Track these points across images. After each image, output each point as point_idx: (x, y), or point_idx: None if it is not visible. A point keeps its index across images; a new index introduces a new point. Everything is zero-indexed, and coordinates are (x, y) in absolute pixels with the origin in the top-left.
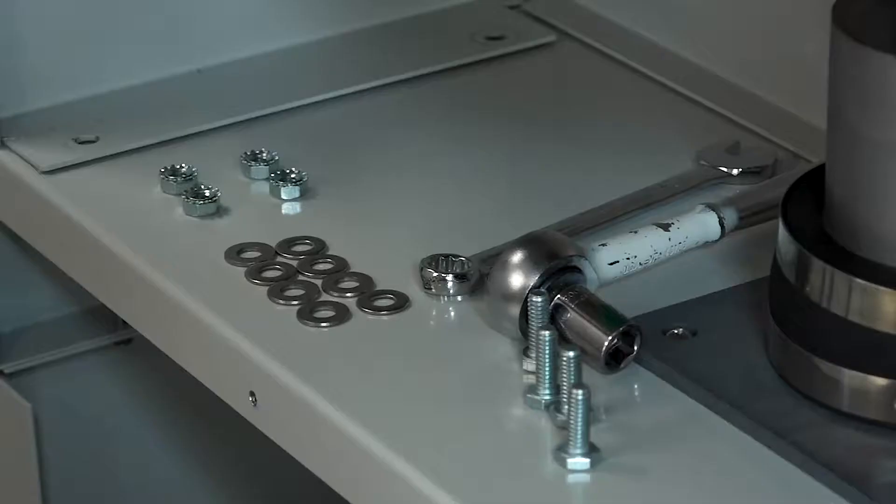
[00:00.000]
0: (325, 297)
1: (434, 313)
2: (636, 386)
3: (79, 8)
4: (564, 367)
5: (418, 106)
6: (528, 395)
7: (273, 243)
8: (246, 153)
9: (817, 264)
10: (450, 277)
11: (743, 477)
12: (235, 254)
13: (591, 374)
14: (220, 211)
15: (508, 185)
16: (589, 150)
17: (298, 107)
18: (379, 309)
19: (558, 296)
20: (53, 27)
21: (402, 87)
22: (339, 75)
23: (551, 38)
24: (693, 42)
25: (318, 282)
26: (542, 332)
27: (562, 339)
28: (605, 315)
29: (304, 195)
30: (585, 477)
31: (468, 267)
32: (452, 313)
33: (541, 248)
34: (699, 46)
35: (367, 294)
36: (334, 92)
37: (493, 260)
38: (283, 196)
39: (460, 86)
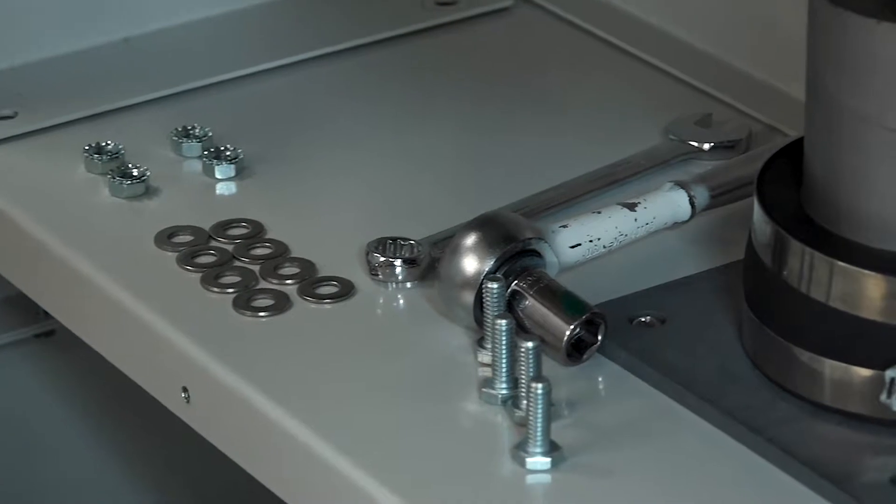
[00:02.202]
0: (263, 284)
1: (381, 301)
2: (600, 379)
3: None
4: (523, 358)
5: (364, 77)
6: (484, 390)
7: (207, 226)
8: (177, 129)
9: (796, 246)
10: (398, 262)
11: (716, 476)
12: (166, 238)
13: (551, 367)
14: (149, 192)
15: (461, 162)
16: (548, 125)
17: (234, 78)
18: (321, 297)
19: (515, 282)
20: None
21: (346, 56)
22: (278, 44)
23: (507, 2)
24: (660, 7)
25: (256, 268)
26: (499, 321)
27: (519, 329)
28: (566, 302)
29: (239, 174)
30: (546, 477)
31: (418, 251)
32: (401, 301)
33: (496, 231)
34: (667, 11)
35: (309, 281)
36: (273, 62)
37: (445, 243)
38: (218, 175)
39: (409, 55)
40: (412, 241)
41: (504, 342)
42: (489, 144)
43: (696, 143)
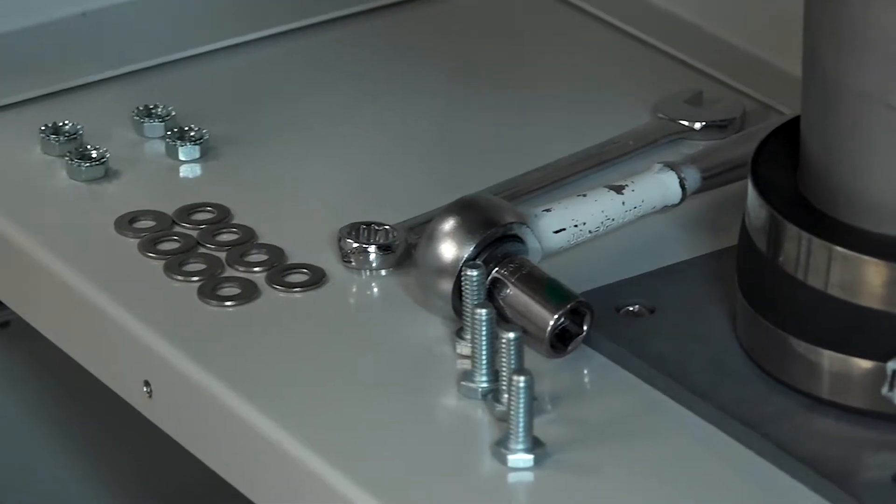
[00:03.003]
0: (229, 271)
1: (354, 290)
2: (586, 371)
3: None
4: (504, 350)
5: (334, 53)
6: (463, 383)
7: (170, 211)
8: (138, 108)
9: (792, 230)
10: (372, 249)
11: (708, 474)
12: (127, 223)
13: (534, 358)
14: (109, 174)
15: (439, 143)
16: (531, 103)
17: (199, 54)
18: (291, 285)
19: (496, 269)
20: None
21: (317, 30)
22: (245, 17)
23: None
24: None
25: (222, 255)
26: (478, 311)
27: (500, 319)
28: (549, 291)
29: (204, 156)
30: (528, 475)
31: (393, 236)
32: (375, 289)
33: (476, 215)
34: None
35: (278, 268)
36: (240, 37)
37: (422, 228)
38: (182, 157)
39: (381, 30)
40: (387, 227)
41: (484, 333)
42: (469, 124)
43: (686, 123)
